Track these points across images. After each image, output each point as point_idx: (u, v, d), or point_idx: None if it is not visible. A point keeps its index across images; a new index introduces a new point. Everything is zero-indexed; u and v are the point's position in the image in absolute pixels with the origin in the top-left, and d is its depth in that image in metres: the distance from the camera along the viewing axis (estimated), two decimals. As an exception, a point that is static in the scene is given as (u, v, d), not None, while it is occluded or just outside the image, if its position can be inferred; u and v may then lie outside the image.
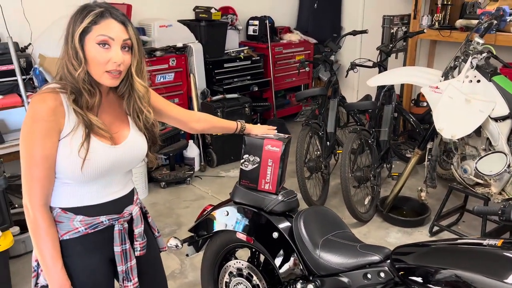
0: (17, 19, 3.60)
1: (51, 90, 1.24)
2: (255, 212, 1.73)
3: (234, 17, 4.80)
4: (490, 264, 1.22)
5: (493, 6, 3.65)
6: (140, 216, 1.45)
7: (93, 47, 1.22)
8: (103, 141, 1.28)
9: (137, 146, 1.39)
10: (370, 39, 4.92)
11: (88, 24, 1.21)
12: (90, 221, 1.31)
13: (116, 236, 1.36)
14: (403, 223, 3.16)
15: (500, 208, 1.35)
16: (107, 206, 1.35)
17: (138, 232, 1.42)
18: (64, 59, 1.25)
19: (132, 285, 1.41)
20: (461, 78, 2.80)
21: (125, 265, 1.39)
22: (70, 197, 1.30)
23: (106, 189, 1.34)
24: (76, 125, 1.24)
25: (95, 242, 1.34)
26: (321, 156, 3.41)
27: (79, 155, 1.23)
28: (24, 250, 2.83)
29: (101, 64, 1.23)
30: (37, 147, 1.20)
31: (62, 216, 1.29)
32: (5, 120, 3.80)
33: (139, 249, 1.44)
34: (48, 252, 1.25)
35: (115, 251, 1.37)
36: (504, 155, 1.99)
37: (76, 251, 1.31)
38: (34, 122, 1.20)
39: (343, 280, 1.49)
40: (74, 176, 1.26)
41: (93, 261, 1.35)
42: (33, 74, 3.51)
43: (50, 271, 1.27)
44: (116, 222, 1.35)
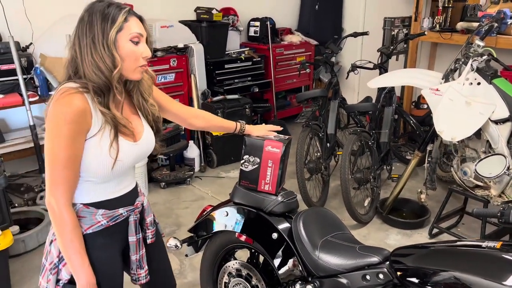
0: (18, 19, 3.61)
1: (75, 90, 1.24)
2: (254, 212, 1.73)
3: (235, 18, 4.80)
4: (489, 266, 1.22)
5: (494, 8, 3.65)
6: (149, 205, 1.53)
7: (126, 43, 1.26)
8: (127, 139, 1.34)
9: (151, 140, 1.45)
10: (371, 41, 4.92)
11: (122, 22, 1.25)
12: (111, 214, 1.37)
13: (132, 226, 1.42)
14: (403, 225, 3.16)
15: (499, 210, 1.35)
16: (123, 198, 1.41)
17: (149, 221, 1.51)
18: (95, 58, 1.24)
19: (144, 272, 1.49)
20: (462, 80, 2.80)
21: (138, 253, 1.46)
22: (92, 193, 1.33)
23: (122, 183, 1.40)
24: (103, 125, 1.27)
25: (113, 234, 1.40)
26: (321, 157, 3.41)
27: (110, 155, 1.27)
28: (23, 250, 2.84)
29: (136, 60, 1.29)
30: (65, 149, 1.21)
31: (84, 211, 1.33)
32: (5, 119, 3.81)
33: (151, 237, 1.52)
34: (75, 250, 1.28)
35: (130, 241, 1.43)
36: (503, 157, 1.99)
37: (97, 244, 1.35)
38: (64, 125, 1.20)
39: (342, 281, 1.49)
40: (103, 174, 1.30)
41: (111, 252, 1.41)
42: (34, 74, 3.52)
43: (77, 269, 1.29)
44: (132, 213, 1.42)
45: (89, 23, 1.25)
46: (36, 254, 2.86)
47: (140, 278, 1.49)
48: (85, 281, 1.30)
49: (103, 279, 1.36)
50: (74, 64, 1.28)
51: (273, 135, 1.74)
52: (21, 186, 3.48)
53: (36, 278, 2.62)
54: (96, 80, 1.25)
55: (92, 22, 1.24)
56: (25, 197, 3.32)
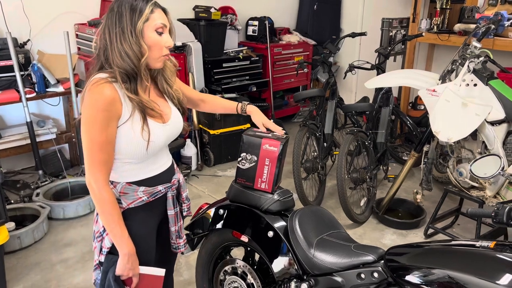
0: (16, 15, 3.60)
1: (105, 80, 1.34)
2: (250, 211, 1.73)
3: (234, 17, 4.80)
4: (483, 265, 1.23)
5: (491, 11, 3.67)
6: (184, 181, 1.66)
7: (152, 34, 1.36)
8: (156, 121, 1.44)
9: (179, 121, 1.56)
10: (369, 42, 4.93)
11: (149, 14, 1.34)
12: (151, 190, 1.49)
13: (170, 201, 1.56)
14: (399, 225, 3.17)
15: (493, 210, 1.36)
16: (161, 176, 1.53)
17: (185, 195, 1.66)
18: (124, 46, 1.34)
19: (183, 241, 1.65)
20: (458, 81, 2.81)
21: (177, 225, 1.60)
22: (133, 173, 1.46)
23: (157, 162, 1.52)
24: (132, 111, 1.37)
25: (153, 209, 1.53)
26: (318, 157, 3.42)
27: (143, 138, 1.38)
28: (19, 246, 2.83)
29: (160, 49, 1.39)
30: (99, 134, 1.33)
31: (127, 188, 1.46)
32: (2, 116, 3.80)
33: (187, 210, 1.68)
34: (115, 223, 1.41)
35: (169, 214, 1.57)
36: (498, 158, 2.00)
37: (138, 217, 1.49)
38: (96, 112, 1.32)
39: (337, 280, 1.50)
40: (139, 156, 1.42)
41: (149, 226, 1.54)
42: (32, 70, 3.52)
43: (119, 240, 1.42)
44: (169, 190, 1.55)
45: (119, 14, 1.35)
46: (32, 251, 2.85)
47: (179, 247, 1.65)
48: (126, 250, 1.42)
49: (139, 251, 1.47)
50: (105, 52, 1.38)
51: (268, 132, 1.73)
52: (17, 183, 3.47)
53: (32, 274, 2.63)
54: (125, 66, 1.35)
55: (122, 13, 1.34)
56: (21, 194, 3.32)
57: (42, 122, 3.74)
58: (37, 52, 3.75)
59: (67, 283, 2.56)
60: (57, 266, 2.71)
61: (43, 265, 2.72)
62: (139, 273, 1.48)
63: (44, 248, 2.89)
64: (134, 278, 1.47)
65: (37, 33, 3.74)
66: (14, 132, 3.61)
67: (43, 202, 3.15)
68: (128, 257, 1.43)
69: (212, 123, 4.11)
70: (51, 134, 3.73)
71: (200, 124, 4.21)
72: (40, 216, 2.99)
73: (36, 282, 2.56)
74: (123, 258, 1.43)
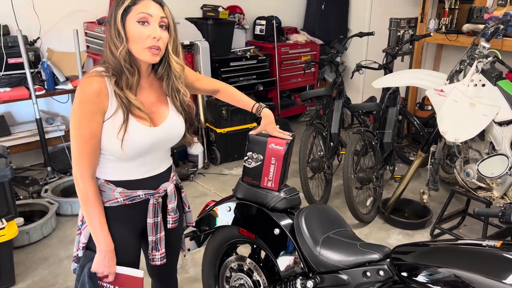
0: (26, 13, 3.64)
1: (97, 73, 1.33)
2: (257, 208, 1.74)
3: (242, 16, 4.81)
4: (489, 265, 1.23)
5: (500, 11, 3.64)
6: (174, 192, 1.55)
7: (133, 25, 1.31)
8: (142, 122, 1.37)
9: (175, 127, 1.48)
10: (376, 42, 4.92)
11: (128, 4, 1.31)
12: (129, 194, 1.43)
13: (150, 209, 1.48)
14: (405, 225, 3.16)
15: (500, 210, 1.36)
16: (145, 182, 1.46)
17: (171, 207, 1.54)
18: (107, 41, 1.34)
19: (160, 254, 1.55)
20: (466, 81, 2.80)
21: (155, 236, 1.52)
22: (113, 171, 1.42)
23: (144, 166, 1.45)
24: (117, 107, 1.34)
25: (130, 213, 1.47)
26: (324, 156, 3.42)
27: (117, 137, 1.33)
28: (27, 241, 2.87)
29: (141, 40, 1.32)
30: (85, 126, 1.31)
31: (104, 186, 1.42)
32: (12, 113, 3.84)
33: (171, 222, 1.56)
34: (96, 218, 1.38)
35: (147, 222, 1.49)
36: (506, 157, 1.99)
37: (113, 218, 1.44)
38: (82, 103, 1.31)
39: (343, 278, 1.50)
40: (116, 154, 1.37)
41: (126, 229, 1.48)
42: (41, 68, 3.55)
43: (98, 235, 1.40)
44: (151, 197, 1.47)
45: (112, 6, 1.35)
46: (40, 246, 2.89)
47: (154, 259, 1.56)
48: (104, 246, 1.40)
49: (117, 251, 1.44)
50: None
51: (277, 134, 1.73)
52: (26, 179, 3.51)
53: (40, 269, 2.66)
54: (112, 61, 1.33)
55: (111, 8, 1.35)
56: (30, 190, 3.35)
57: (51, 119, 3.78)
58: (46, 50, 3.79)
59: (75, 278, 2.58)
60: (65, 262, 2.74)
61: (51, 260, 2.75)
62: (116, 273, 1.46)
63: (52, 243, 2.93)
64: (110, 276, 1.45)
65: (47, 31, 3.77)
66: (24, 129, 3.65)
67: (51, 198, 3.19)
68: (105, 254, 1.40)
69: (219, 122, 4.13)
70: (60, 131, 3.77)
71: (207, 122, 4.23)
72: (49, 212, 3.02)
73: (44, 277, 2.59)
74: (99, 254, 1.41)
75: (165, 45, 1.37)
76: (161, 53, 1.36)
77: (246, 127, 4.20)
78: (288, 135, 1.71)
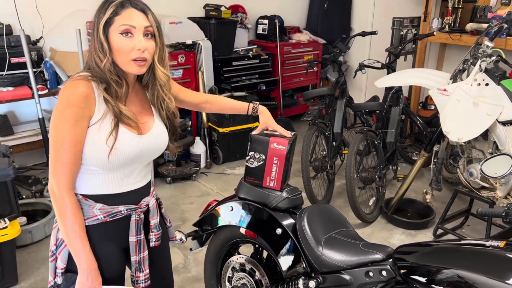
0: (29, 12, 3.65)
1: (83, 77, 1.27)
2: (259, 208, 1.73)
3: (244, 16, 4.82)
4: (493, 265, 1.22)
5: (504, 10, 3.63)
6: (156, 207, 1.48)
7: (116, 37, 1.25)
8: (130, 130, 1.32)
9: (160, 136, 1.42)
10: (379, 41, 4.91)
11: (110, 15, 1.24)
12: (109, 210, 1.34)
13: (132, 226, 1.39)
14: (407, 225, 3.15)
15: (504, 210, 1.36)
16: (126, 196, 1.38)
17: (154, 223, 1.46)
18: (91, 52, 1.28)
19: (144, 275, 1.44)
20: (470, 81, 2.79)
21: (138, 255, 1.42)
22: (93, 185, 1.33)
23: (127, 179, 1.37)
24: (105, 114, 1.27)
25: (111, 231, 1.37)
26: (327, 156, 3.42)
27: (107, 144, 1.25)
28: (30, 240, 2.87)
29: (126, 53, 1.26)
30: (67, 132, 1.23)
31: (82, 203, 1.32)
32: (15, 112, 3.85)
33: (154, 240, 1.47)
34: (75, 234, 1.27)
35: (130, 241, 1.40)
36: (509, 157, 1.98)
37: (93, 237, 1.33)
38: (66, 107, 1.23)
39: (345, 278, 1.50)
40: (100, 163, 1.28)
41: (108, 248, 1.38)
42: (44, 67, 3.56)
43: (78, 253, 1.29)
44: (133, 213, 1.39)
45: (95, 15, 1.28)
46: (43, 245, 2.89)
47: (139, 282, 1.44)
48: (86, 265, 1.29)
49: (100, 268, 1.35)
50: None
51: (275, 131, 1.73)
52: (29, 178, 3.52)
53: (43, 268, 2.66)
54: (97, 71, 1.28)
55: (94, 17, 1.28)
56: (32, 189, 3.36)
57: (54, 119, 3.78)
58: (49, 50, 3.80)
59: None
60: (68, 261, 2.74)
61: (54, 260, 2.75)
62: None
63: (55, 243, 2.93)
64: None
65: (49, 30, 3.78)
66: (26, 128, 3.66)
67: (54, 198, 3.19)
68: (87, 273, 1.29)
69: (221, 121, 4.13)
70: (63, 131, 3.77)
71: (209, 122, 4.23)
72: (51, 211, 3.03)
73: (46, 276, 2.57)
74: (82, 274, 1.29)
75: (152, 55, 1.31)
76: (148, 64, 1.31)
77: (248, 126, 4.20)
78: (288, 134, 1.70)
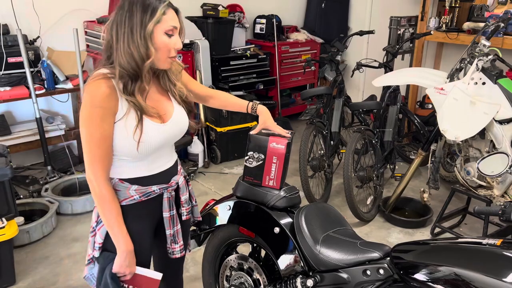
0: (26, 12, 3.64)
1: (103, 76, 1.32)
2: (257, 207, 1.74)
3: (242, 15, 4.81)
4: (489, 263, 1.22)
5: (501, 9, 3.64)
6: (185, 184, 1.59)
7: (161, 36, 1.33)
8: (154, 120, 1.39)
9: (182, 119, 1.51)
10: (376, 40, 4.92)
11: (161, 16, 1.31)
12: (144, 190, 1.45)
13: (165, 203, 1.50)
14: (405, 223, 3.16)
15: (500, 208, 1.36)
16: (158, 177, 1.48)
17: (184, 199, 1.57)
18: (131, 48, 1.30)
19: (179, 246, 1.57)
20: (467, 80, 2.79)
21: (172, 229, 1.54)
22: (127, 171, 1.43)
23: (156, 162, 1.47)
24: (128, 109, 1.34)
25: (146, 209, 1.48)
26: (325, 155, 3.42)
27: (134, 138, 1.34)
28: (28, 240, 2.87)
29: (167, 51, 1.35)
30: (96, 130, 1.31)
31: (119, 185, 1.43)
32: (12, 112, 3.84)
33: (185, 214, 1.59)
34: (114, 220, 1.39)
35: (164, 216, 1.51)
36: (506, 156, 1.99)
37: (130, 216, 1.44)
38: (91, 108, 1.30)
39: (343, 276, 1.50)
40: (131, 154, 1.38)
41: (143, 226, 1.49)
42: (41, 67, 3.55)
43: (117, 236, 1.40)
44: (165, 191, 1.49)
45: (129, 12, 1.30)
46: (40, 245, 2.89)
47: (174, 252, 1.57)
48: (124, 247, 1.40)
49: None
50: (109, 50, 1.35)
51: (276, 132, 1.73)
52: (26, 178, 3.51)
53: (40, 268, 2.66)
54: (127, 67, 1.31)
55: (132, 12, 1.29)
56: (30, 189, 3.36)
57: (51, 118, 3.78)
58: (46, 49, 3.79)
59: (75, 277, 2.59)
60: (65, 261, 2.74)
61: (52, 259, 2.75)
62: (135, 273, 1.46)
63: (53, 242, 2.93)
64: (129, 276, 1.45)
65: (46, 30, 3.77)
66: (24, 128, 3.65)
67: (51, 198, 3.19)
68: (126, 254, 1.41)
69: (219, 121, 4.12)
70: (60, 130, 3.76)
71: (207, 121, 4.23)
72: (49, 211, 3.02)
73: (44, 276, 2.60)
74: (120, 255, 1.41)
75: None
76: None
77: (246, 126, 4.20)
78: (287, 133, 1.71)
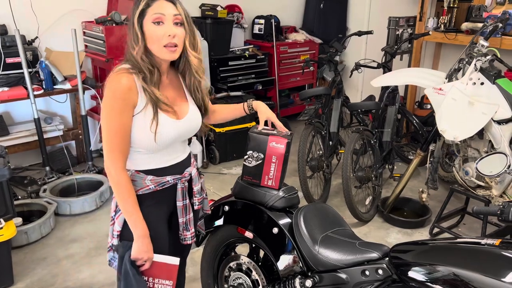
0: (24, 12, 3.63)
1: (125, 70, 1.42)
2: (255, 207, 1.74)
3: (240, 16, 4.81)
4: (488, 263, 1.22)
5: (499, 9, 3.64)
6: (197, 176, 1.66)
7: (149, 26, 1.40)
8: (169, 115, 1.47)
9: (195, 119, 1.59)
10: (375, 40, 4.92)
11: (143, 7, 1.40)
12: (159, 180, 1.52)
13: (179, 193, 1.57)
14: (404, 224, 3.16)
15: (499, 208, 1.36)
16: (172, 168, 1.56)
17: (196, 189, 1.65)
18: (128, 44, 1.44)
19: (190, 234, 1.64)
20: (465, 80, 2.80)
21: (185, 217, 1.61)
22: (143, 162, 1.51)
23: (170, 155, 1.55)
24: (146, 103, 1.42)
25: (161, 198, 1.55)
26: (323, 155, 3.42)
27: (151, 130, 1.42)
28: (26, 241, 2.86)
29: (158, 40, 1.40)
30: (116, 121, 1.40)
31: (136, 176, 1.51)
32: (10, 112, 3.83)
33: (197, 203, 1.67)
34: (132, 207, 1.46)
35: (177, 205, 1.59)
36: (504, 156, 1.99)
37: (146, 204, 1.51)
38: (112, 100, 1.39)
39: (341, 276, 1.50)
40: (149, 146, 1.46)
41: (158, 213, 1.56)
42: (39, 67, 3.54)
43: (135, 222, 1.47)
44: (179, 181, 1.57)
45: (130, 10, 1.43)
46: (39, 246, 2.88)
47: (186, 239, 1.64)
48: (141, 232, 1.47)
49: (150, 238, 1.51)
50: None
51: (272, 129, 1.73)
52: (24, 179, 3.50)
53: (39, 269, 2.66)
54: (132, 61, 1.42)
55: (131, 10, 1.43)
56: (28, 190, 3.35)
57: (50, 119, 3.77)
58: (45, 50, 3.78)
59: (74, 278, 2.58)
60: (64, 261, 2.73)
61: (50, 260, 2.74)
62: (153, 260, 1.51)
63: (51, 243, 2.92)
64: (148, 262, 1.50)
65: (45, 30, 3.76)
66: (22, 129, 3.64)
67: (50, 198, 3.18)
68: (142, 239, 1.47)
69: (218, 121, 4.12)
70: (58, 131, 3.76)
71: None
72: (47, 212, 3.01)
73: (43, 277, 2.59)
74: (137, 240, 1.47)
75: (182, 41, 1.44)
76: (179, 49, 1.45)
77: (245, 126, 4.20)
78: (287, 131, 1.71)
